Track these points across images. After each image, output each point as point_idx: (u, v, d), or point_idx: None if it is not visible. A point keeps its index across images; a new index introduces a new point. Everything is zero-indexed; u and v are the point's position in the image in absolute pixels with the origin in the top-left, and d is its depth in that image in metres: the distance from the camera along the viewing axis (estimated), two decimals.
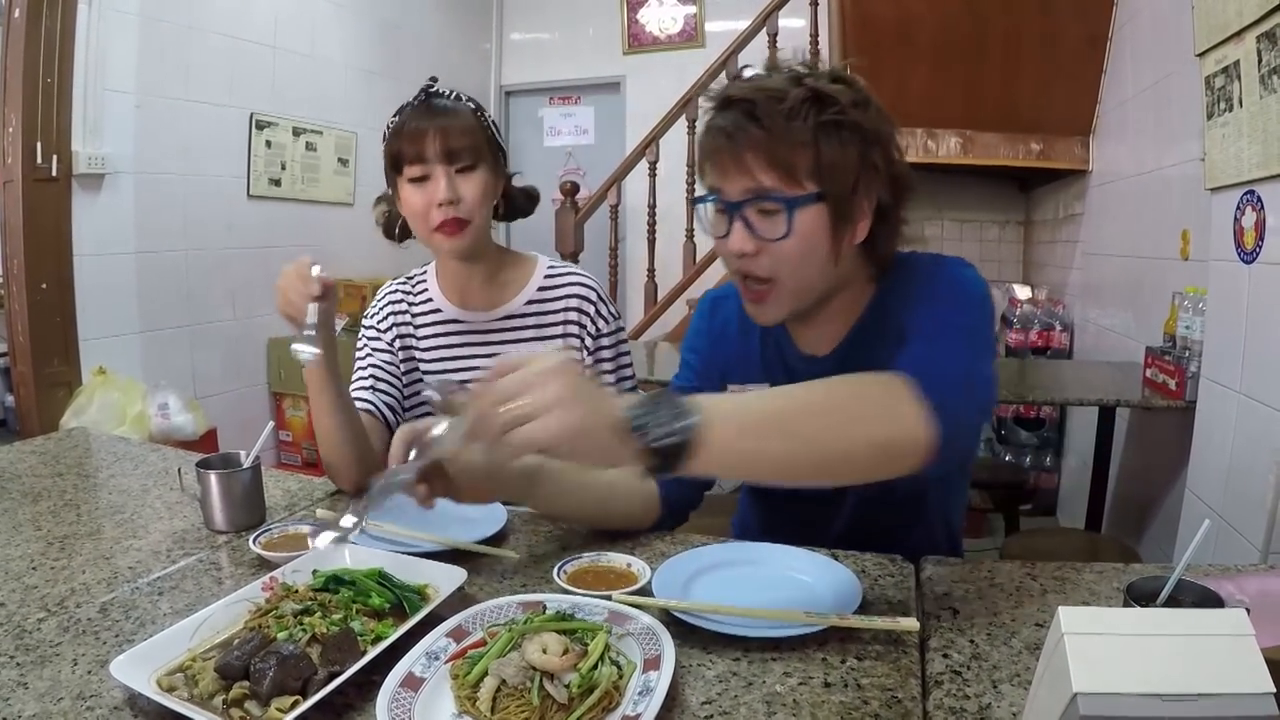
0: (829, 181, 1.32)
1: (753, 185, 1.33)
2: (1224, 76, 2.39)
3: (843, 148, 1.32)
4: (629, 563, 1.37)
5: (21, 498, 1.80)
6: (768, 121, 1.30)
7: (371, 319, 1.99)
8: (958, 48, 4.51)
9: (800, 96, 1.31)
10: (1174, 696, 0.70)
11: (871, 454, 1.14)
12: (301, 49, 5.54)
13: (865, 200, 1.37)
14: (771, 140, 1.31)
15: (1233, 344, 2.41)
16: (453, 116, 1.76)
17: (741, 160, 1.33)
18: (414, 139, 1.74)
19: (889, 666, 1.10)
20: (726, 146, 1.34)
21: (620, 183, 5.83)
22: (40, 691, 1.05)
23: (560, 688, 0.98)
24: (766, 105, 1.31)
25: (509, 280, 1.95)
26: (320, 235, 5.70)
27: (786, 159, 1.31)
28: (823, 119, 1.30)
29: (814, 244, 1.36)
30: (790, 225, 1.33)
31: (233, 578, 1.42)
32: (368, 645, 1.10)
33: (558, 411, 0.99)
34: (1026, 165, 4.78)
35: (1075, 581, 1.35)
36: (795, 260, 1.37)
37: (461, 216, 1.76)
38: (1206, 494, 2.56)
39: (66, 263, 4.20)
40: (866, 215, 1.39)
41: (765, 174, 1.32)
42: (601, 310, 1.95)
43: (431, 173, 1.75)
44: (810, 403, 1.16)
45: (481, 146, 1.79)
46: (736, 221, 1.37)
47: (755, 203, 1.35)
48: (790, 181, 1.32)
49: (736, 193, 1.35)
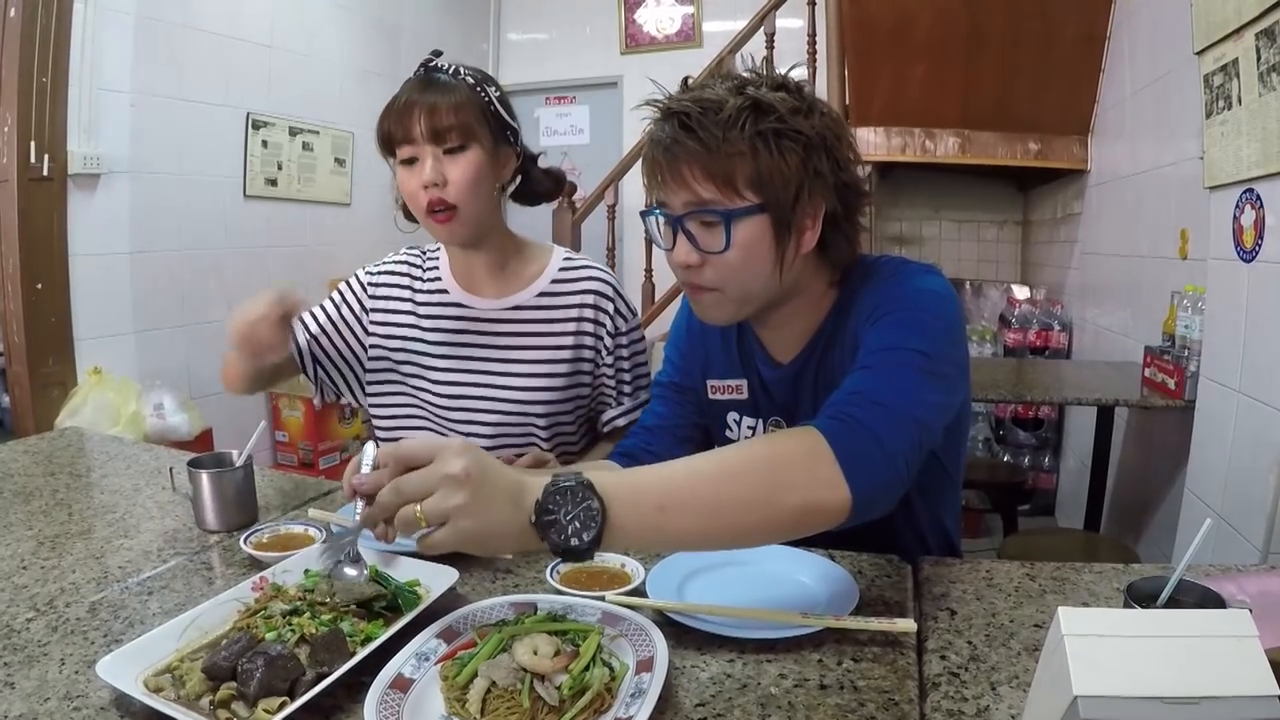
0: (769, 191, 1.31)
1: (691, 198, 1.33)
2: (1223, 74, 2.39)
3: (783, 156, 1.30)
4: (623, 563, 1.36)
5: (13, 497, 1.79)
6: (703, 133, 1.29)
7: (366, 276, 1.94)
8: (955, 47, 4.51)
9: (737, 105, 1.30)
10: (1177, 700, 0.69)
11: (784, 520, 1.11)
12: (298, 48, 5.52)
13: (810, 208, 1.35)
14: (708, 153, 1.30)
15: (1232, 343, 2.40)
16: (445, 93, 1.68)
17: (679, 173, 1.32)
18: (401, 118, 1.67)
19: (886, 668, 1.09)
20: (664, 159, 1.34)
21: (618, 183, 5.82)
22: (27, 691, 1.04)
23: (551, 689, 0.97)
24: (702, 117, 1.30)
25: (519, 270, 1.88)
26: (317, 235, 5.69)
27: (724, 170, 1.30)
28: (760, 128, 1.29)
29: (756, 255, 1.35)
30: (729, 237, 1.32)
31: (223, 578, 1.41)
32: (357, 646, 1.09)
33: (463, 520, 0.99)
34: (1024, 165, 4.78)
35: (1074, 582, 1.33)
36: (737, 271, 1.36)
37: (448, 199, 1.68)
38: (1206, 494, 2.55)
39: (61, 262, 4.19)
40: (814, 224, 1.37)
41: (703, 186, 1.31)
42: (620, 308, 1.89)
43: (419, 154, 1.68)
44: (722, 473, 1.12)
45: (474, 125, 1.69)
46: (679, 235, 1.37)
47: (696, 215, 1.34)
48: (729, 193, 1.31)
49: (678, 205, 1.35)
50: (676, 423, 1.67)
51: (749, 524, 1.10)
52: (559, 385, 1.83)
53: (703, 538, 1.13)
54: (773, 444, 1.19)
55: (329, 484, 1.89)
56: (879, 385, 1.23)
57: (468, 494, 0.98)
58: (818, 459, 1.11)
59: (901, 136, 4.76)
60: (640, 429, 1.68)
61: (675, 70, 1.44)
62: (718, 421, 1.67)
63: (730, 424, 1.65)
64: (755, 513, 1.09)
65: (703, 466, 1.14)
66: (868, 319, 1.37)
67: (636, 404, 1.90)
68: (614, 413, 1.91)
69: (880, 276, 1.44)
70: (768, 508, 1.09)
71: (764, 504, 1.09)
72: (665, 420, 1.67)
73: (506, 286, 1.86)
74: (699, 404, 1.69)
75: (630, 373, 1.91)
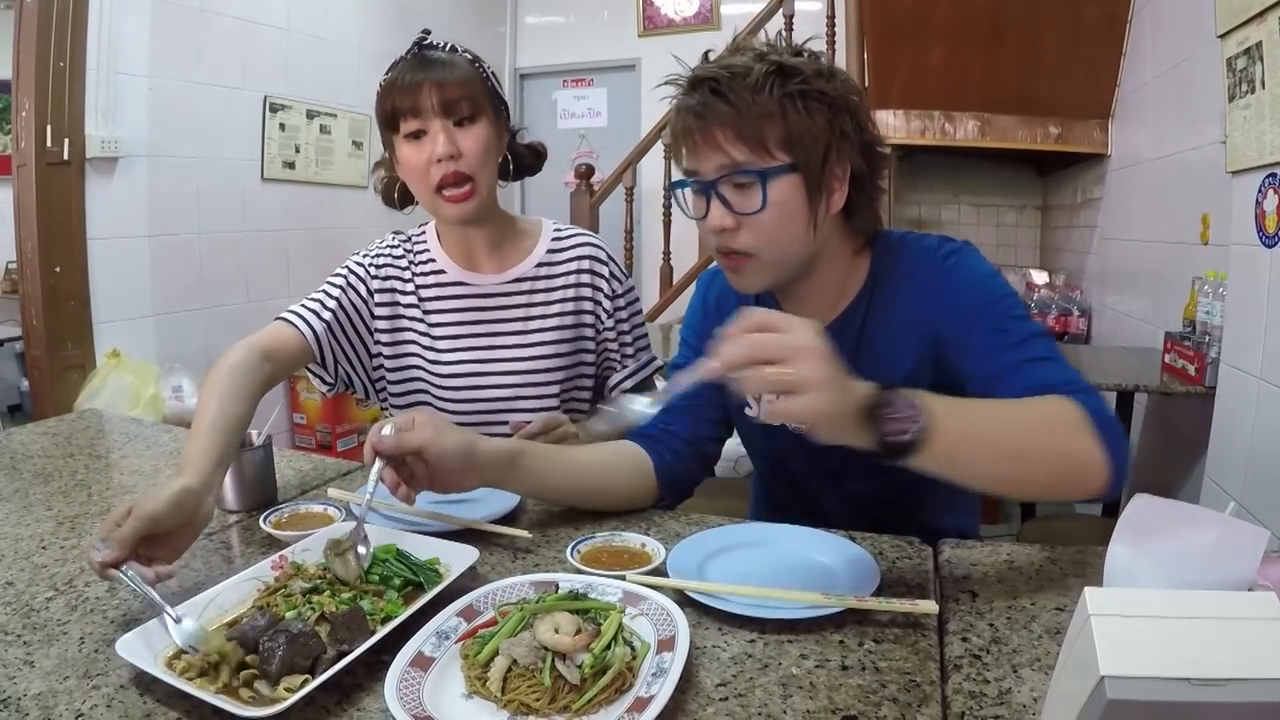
0: (800, 150, 1.35)
1: (725, 161, 1.36)
2: (1246, 58, 2.36)
3: (810, 116, 1.34)
4: (643, 543, 1.36)
5: (33, 478, 1.80)
6: (734, 97, 1.33)
7: (365, 258, 1.90)
8: (975, 30, 4.48)
9: (764, 70, 1.33)
10: (1203, 681, 0.68)
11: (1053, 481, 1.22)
12: (315, 31, 5.53)
13: (839, 168, 1.40)
14: (739, 115, 1.33)
15: (1254, 329, 2.38)
16: (448, 68, 1.69)
17: (712, 137, 1.36)
18: (408, 92, 1.66)
19: (907, 649, 1.08)
20: (697, 125, 1.37)
21: (636, 165, 5.82)
22: (47, 670, 1.04)
23: (572, 668, 0.96)
24: (732, 81, 1.34)
25: (515, 244, 1.91)
26: (334, 218, 5.71)
27: (756, 131, 1.34)
28: (788, 89, 1.33)
29: (790, 213, 1.38)
30: (765, 196, 1.36)
31: (243, 556, 1.41)
32: (377, 624, 1.09)
33: (817, 391, 1.01)
34: (1044, 149, 4.76)
35: (1095, 566, 1.32)
36: (772, 231, 1.39)
37: (464, 171, 1.69)
38: (1226, 480, 2.53)
39: (80, 246, 4.21)
40: (842, 184, 1.41)
41: (736, 148, 1.35)
42: (614, 270, 1.93)
43: (429, 127, 1.68)
44: (1019, 423, 1.20)
45: (480, 98, 1.72)
46: (713, 199, 1.39)
47: (730, 178, 1.37)
48: (762, 153, 1.35)
49: (711, 170, 1.38)
50: (693, 403, 1.65)
51: (1025, 474, 1.20)
52: (566, 351, 1.87)
53: (983, 475, 1.20)
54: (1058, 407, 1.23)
55: (348, 464, 1.89)
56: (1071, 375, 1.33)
57: (826, 369, 1.02)
58: (1088, 440, 1.20)
59: (921, 119, 4.73)
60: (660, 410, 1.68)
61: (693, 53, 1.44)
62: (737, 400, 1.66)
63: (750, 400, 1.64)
64: (1036, 466, 1.20)
65: (1000, 414, 1.22)
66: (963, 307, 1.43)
67: (640, 365, 1.96)
68: (619, 376, 1.94)
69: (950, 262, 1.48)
70: (1045, 461, 1.20)
71: (1043, 460, 1.20)
72: (684, 401, 1.66)
73: (505, 261, 1.89)
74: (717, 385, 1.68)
75: (631, 334, 1.95)
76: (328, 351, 1.82)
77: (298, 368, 1.81)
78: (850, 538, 1.38)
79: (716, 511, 1.61)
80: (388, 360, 1.89)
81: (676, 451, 1.62)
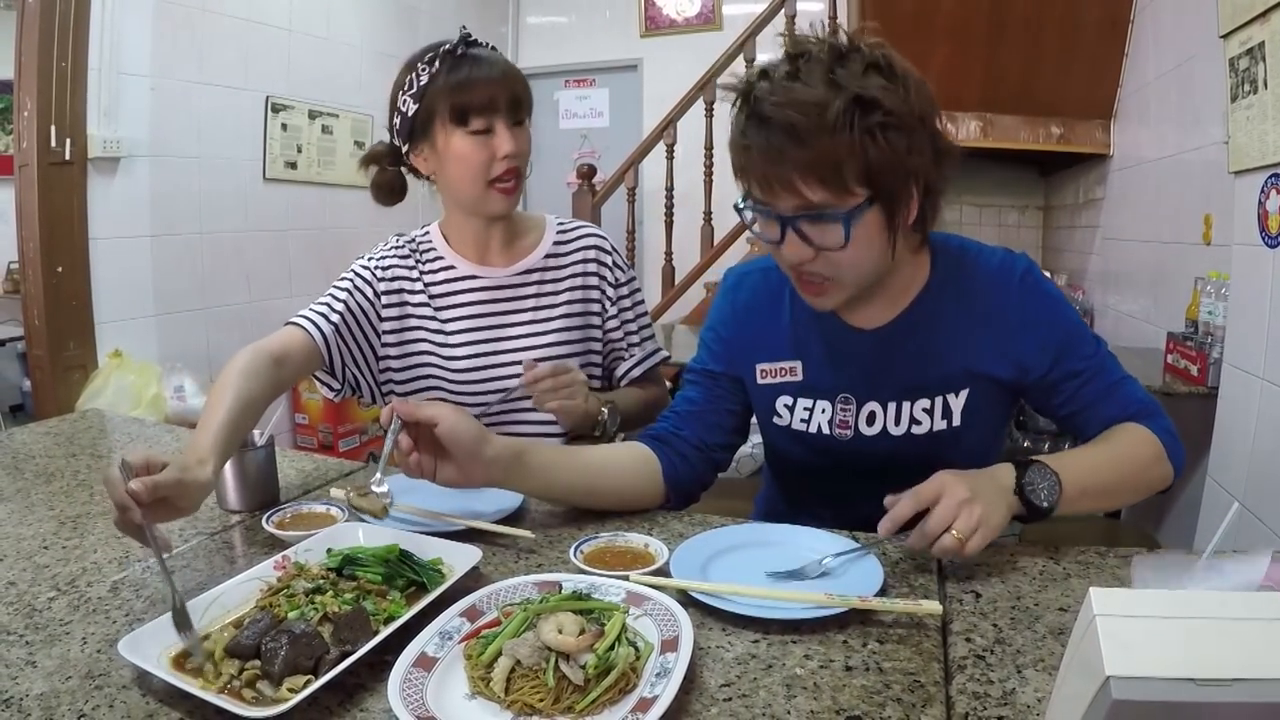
0: (878, 183, 1.31)
1: (802, 203, 1.32)
2: (1248, 58, 2.36)
3: (890, 147, 1.29)
4: (646, 543, 1.36)
5: (35, 478, 1.80)
6: (811, 139, 1.27)
7: (370, 262, 1.91)
8: (978, 30, 4.47)
9: (840, 107, 1.26)
10: (1209, 681, 0.68)
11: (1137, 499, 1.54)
12: (317, 31, 5.53)
13: (914, 186, 1.38)
14: (818, 159, 1.28)
15: (1256, 329, 2.38)
16: (510, 67, 1.78)
17: (788, 180, 1.30)
18: (485, 90, 1.72)
19: (911, 650, 1.08)
20: (773, 171, 1.31)
21: (637, 165, 5.82)
22: (49, 670, 1.04)
23: (576, 669, 0.96)
24: (806, 122, 1.27)
25: (524, 237, 1.96)
26: (336, 218, 5.71)
27: (834, 172, 1.29)
28: (868, 124, 1.27)
29: (870, 243, 1.37)
30: (848, 235, 1.33)
31: (245, 557, 1.41)
32: (380, 624, 1.09)
33: (989, 521, 1.23)
34: (1046, 149, 4.75)
35: (1099, 566, 1.33)
36: (854, 262, 1.39)
37: (519, 168, 1.79)
38: (1229, 481, 2.53)
39: (82, 246, 4.21)
40: (915, 198, 1.40)
41: (814, 191, 1.30)
42: (617, 260, 1.99)
43: (495, 125, 1.74)
44: (1119, 472, 1.43)
45: (529, 100, 1.80)
46: (790, 232, 1.36)
47: (808, 217, 1.34)
48: (841, 193, 1.30)
49: (787, 208, 1.34)
50: (706, 409, 1.67)
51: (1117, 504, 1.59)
52: (575, 339, 1.92)
53: (1087, 510, 1.44)
54: (1138, 447, 1.46)
55: (350, 464, 1.89)
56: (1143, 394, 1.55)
57: (981, 505, 1.23)
58: (1163, 463, 1.47)
59: None
60: (671, 414, 1.68)
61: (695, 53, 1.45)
62: (766, 408, 1.67)
63: (780, 410, 1.64)
64: (1125, 499, 1.57)
65: (1103, 464, 1.43)
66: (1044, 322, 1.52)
67: (646, 354, 2.01)
68: (627, 365, 2.00)
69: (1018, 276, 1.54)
70: (1134, 496, 1.51)
71: (1132, 494, 1.51)
72: (696, 406, 1.67)
73: (515, 254, 1.94)
74: (734, 391, 1.69)
75: (635, 322, 2.00)
76: (336, 355, 1.82)
77: (308, 373, 1.82)
78: (854, 538, 1.38)
79: (720, 512, 1.60)
80: (395, 361, 1.90)
81: (685, 456, 1.61)
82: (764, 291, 1.66)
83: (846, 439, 1.59)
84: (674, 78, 6.31)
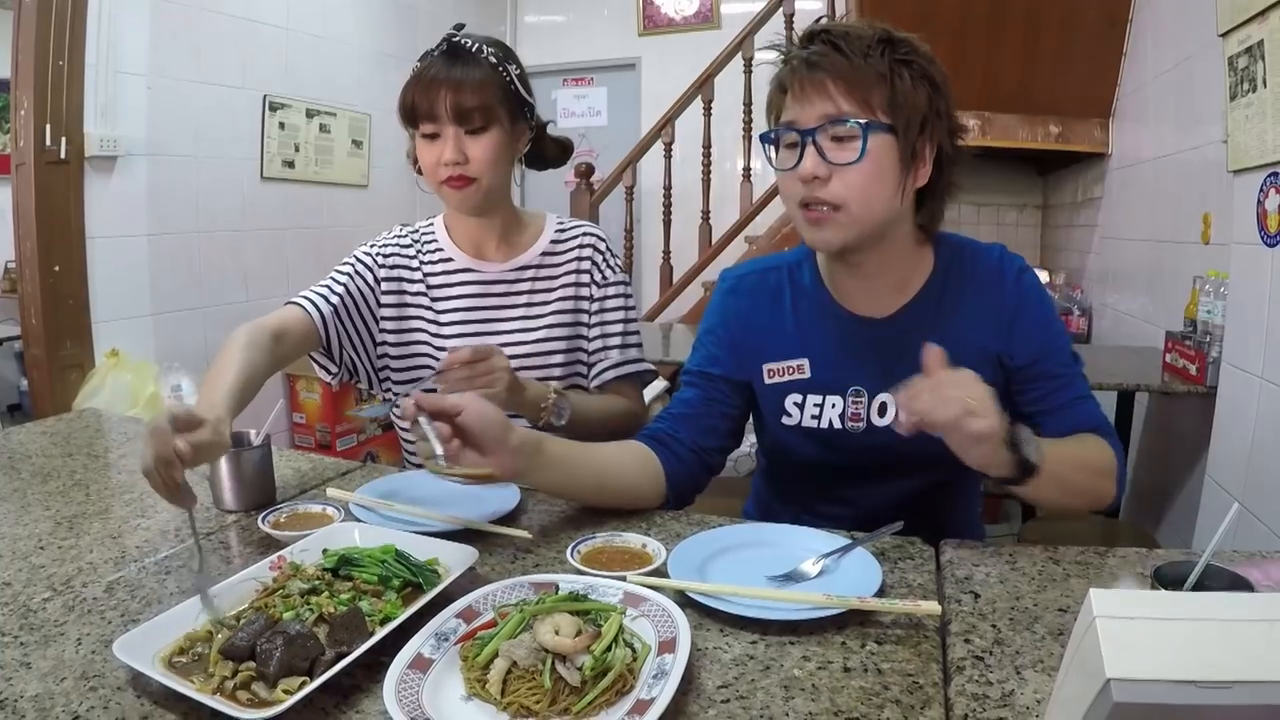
0: (900, 115, 1.41)
1: (831, 110, 1.41)
2: (1247, 57, 2.36)
3: (914, 86, 1.41)
4: (644, 543, 1.35)
5: (31, 478, 1.79)
6: (849, 50, 1.40)
7: (372, 248, 1.95)
8: (976, 28, 4.46)
9: (876, 36, 1.42)
10: (1210, 683, 0.67)
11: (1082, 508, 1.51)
12: (315, 30, 5.52)
13: (929, 145, 1.46)
14: (852, 68, 1.40)
15: (1255, 328, 2.38)
16: (470, 70, 1.73)
17: (823, 86, 1.41)
18: (427, 93, 1.72)
19: (910, 651, 1.08)
20: (809, 74, 1.42)
21: (635, 164, 5.81)
22: (44, 671, 1.04)
23: (573, 670, 0.96)
24: (848, 39, 1.41)
25: (522, 234, 1.97)
26: (334, 217, 5.70)
27: (863, 87, 1.40)
28: (898, 55, 1.41)
29: (883, 171, 1.43)
30: (864, 148, 1.40)
31: (241, 557, 1.40)
32: (376, 625, 1.08)
33: (991, 416, 1.22)
34: (1045, 148, 4.74)
35: (1098, 566, 1.32)
36: (865, 185, 1.43)
37: (468, 174, 1.77)
38: (1227, 480, 2.53)
39: (79, 245, 4.21)
40: (928, 162, 1.48)
41: (844, 100, 1.40)
42: (609, 260, 1.98)
43: (442, 131, 1.74)
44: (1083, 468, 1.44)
45: (495, 106, 1.75)
46: (809, 147, 1.43)
47: (831, 128, 1.41)
48: (866, 109, 1.40)
49: (813, 118, 1.42)
50: (702, 412, 1.66)
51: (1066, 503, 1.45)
52: (566, 335, 1.92)
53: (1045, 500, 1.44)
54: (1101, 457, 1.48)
55: (347, 464, 1.88)
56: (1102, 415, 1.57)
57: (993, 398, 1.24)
58: (1113, 482, 1.48)
59: None
60: (667, 415, 1.67)
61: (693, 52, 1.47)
62: (774, 408, 1.66)
63: (790, 409, 1.64)
64: (1078, 500, 1.46)
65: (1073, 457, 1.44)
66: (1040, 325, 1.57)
67: (622, 360, 1.96)
68: (599, 368, 1.95)
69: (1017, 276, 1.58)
70: (1083, 498, 1.46)
71: (1084, 495, 1.46)
72: (692, 409, 1.66)
73: (511, 250, 1.94)
74: (732, 395, 1.68)
75: (617, 325, 1.97)
76: (334, 336, 1.85)
77: (305, 351, 1.85)
78: (851, 538, 1.37)
79: (717, 512, 1.60)
80: (392, 348, 1.92)
81: (681, 457, 1.61)
82: (764, 292, 1.67)
83: (858, 431, 1.59)
84: (672, 77, 6.33)
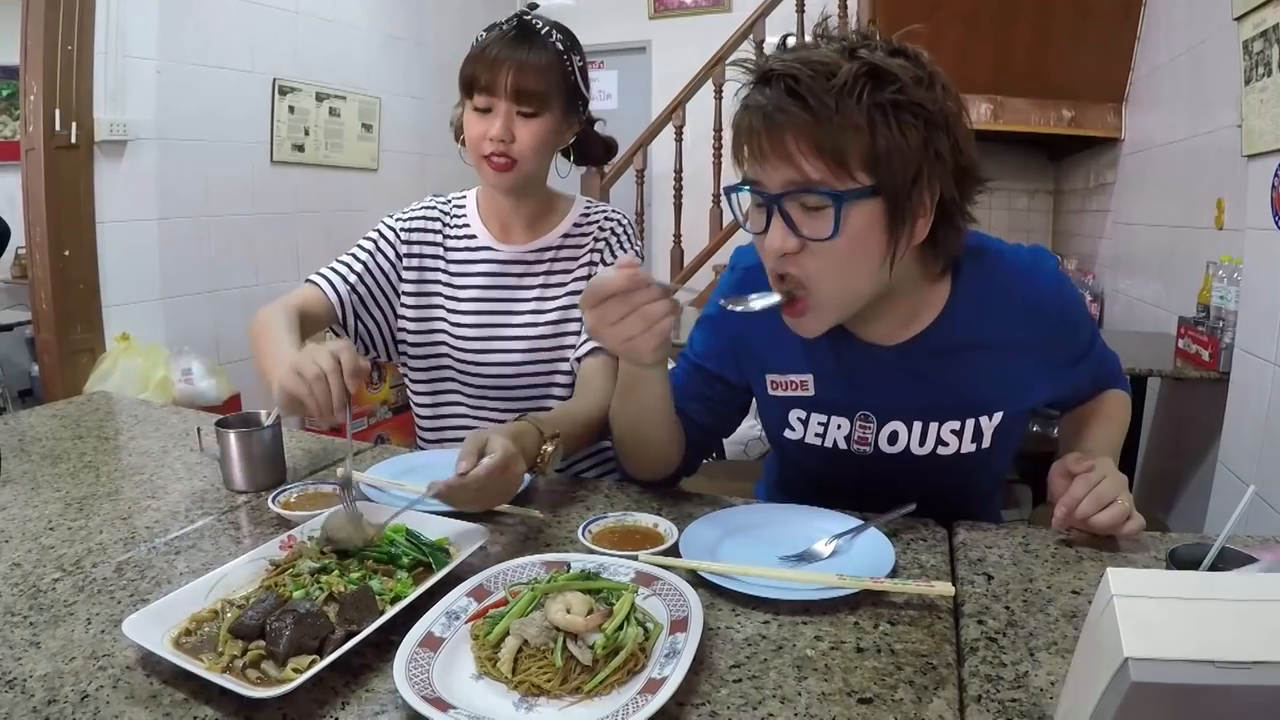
0: (885, 173, 1.17)
1: (795, 176, 1.18)
2: (1262, 40, 2.34)
3: (902, 133, 1.16)
4: (655, 523, 1.35)
5: (41, 460, 1.79)
6: (814, 100, 1.14)
7: (396, 223, 1.94)
8: (989, 12, 4.45)
9: (853, 71, 1.14)
10: (1229, 663, 0.67)
11: None
12: (324, 13, 5.51)
13: (927, 194, 1.22)
14: (818, 123, 1.14)
15: (1268, 314, 2.37)
16: (536, 54, 1.71)
17: (782, 146, 1.17)
18: (489, 68, 1.70)
19: (923, 632, 1.07)
20: (764, 129, 1.18)
21: (646, 148, 5.81)
22: (53, 651, 1.04)
23: (584, 649, 0.95)
24: (813, 82, 1.14)
25: (548, 217, 1.95)
26: (344, 201, 5.70)
27: (836, 145, 1.15)
28: (879, 99, 1.14)
29: (864, 246, 1.22)
30: (838, 224, 1.18)
31: (251, 537, 1.40)
32: (386, 604, 1.08)
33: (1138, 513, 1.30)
34: (1057, 132, 4.72)
35: (1111, 549, 1.32)
36: (841, 264, 1.23)
37: (511, 155, 1.74)
38: (1239, 466, 2.52)
39: (89, 230, 4.21)
40: (927, 212, 1.24)
41: (810, 163, 1.17)
42: (624, 243, 1.94)
43: (495, 107, 1.72)
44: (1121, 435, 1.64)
45: (552, 94, 1.74)
46: (775, 217, 1.22)
47: (798, 196, 1.19)
48: (840, 172, 1.16)
49: (776, 183, 1.20)
50: (687, 401, 1.57)
51: None
52: (578, 316, 1.88)
53: None
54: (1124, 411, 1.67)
55: (358, 445, 1.88)
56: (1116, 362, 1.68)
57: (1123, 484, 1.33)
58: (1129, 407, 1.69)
59: None
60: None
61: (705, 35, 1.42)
62: (777, 419, 1.55)
63: (794, 423, 1.53)
64: None
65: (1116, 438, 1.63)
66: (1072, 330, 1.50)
67: None
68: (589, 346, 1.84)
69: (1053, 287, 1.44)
70: None
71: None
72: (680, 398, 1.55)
73: (536, 232, 1.93)
74: (725, 394, 1.59)
75: None
76: (350, 315, 1.87)
77: (324, 327, 1.86)
78: (864, 519, 1.36)
79: (730, 493, 1.59)
80: (410, 324, 1.93)
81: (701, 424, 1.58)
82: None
83: (866, 454, 1.48)
84: (683, 60, 6.31)
